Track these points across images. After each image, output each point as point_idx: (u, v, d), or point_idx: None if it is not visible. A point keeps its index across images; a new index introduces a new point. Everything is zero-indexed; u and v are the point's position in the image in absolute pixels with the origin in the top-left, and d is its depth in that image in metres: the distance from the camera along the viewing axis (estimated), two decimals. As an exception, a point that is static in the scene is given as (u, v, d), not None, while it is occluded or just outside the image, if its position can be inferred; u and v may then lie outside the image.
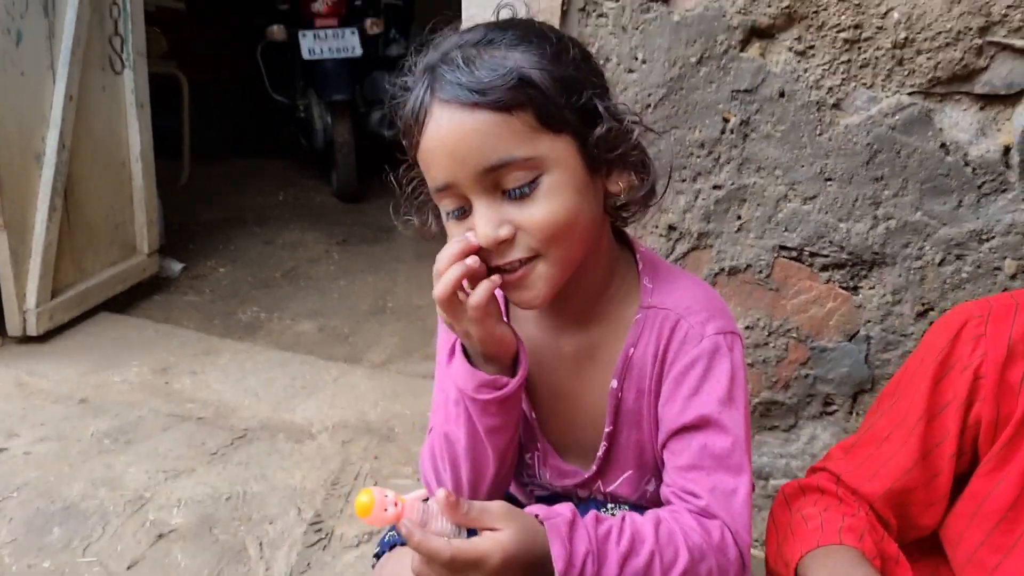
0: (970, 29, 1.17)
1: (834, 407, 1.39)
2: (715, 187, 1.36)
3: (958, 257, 1.25)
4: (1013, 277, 1.23)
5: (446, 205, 0.81)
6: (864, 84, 1.25)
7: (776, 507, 0.94)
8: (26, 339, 2.26)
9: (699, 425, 0.82)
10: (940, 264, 1.26)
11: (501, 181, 0.77)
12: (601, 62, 1.36)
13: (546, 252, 0.78)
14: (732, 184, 1.35)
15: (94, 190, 2.53)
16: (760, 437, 1.44)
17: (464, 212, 0.80)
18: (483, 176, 0.76)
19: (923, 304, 1.29)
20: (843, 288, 1.33)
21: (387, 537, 1.03)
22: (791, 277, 1.35)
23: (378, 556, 1.02)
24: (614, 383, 0.88)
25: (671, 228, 1.40)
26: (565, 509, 0.74)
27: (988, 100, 1.21)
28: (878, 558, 0.80)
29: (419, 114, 0.79)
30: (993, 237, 1.23)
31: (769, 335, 1.38)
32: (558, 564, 0.70)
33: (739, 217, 1.36)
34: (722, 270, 1.39)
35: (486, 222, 0.77)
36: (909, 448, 0.82)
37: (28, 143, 2.25)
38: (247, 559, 1.43)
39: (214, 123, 4.42)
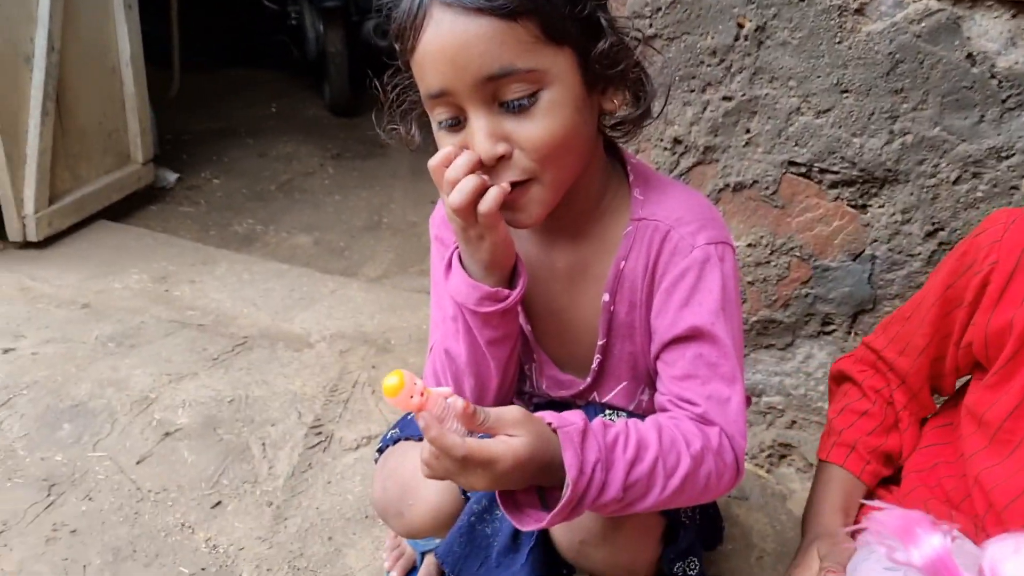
0: (1005, -69, 1.11)
1: (832, 327, 1.39)
2: (725, 98, 1.31)
3: (974, 175, 1.23)
4: (1028, 197, 1.21)
5: (439, 114, 0.79)
6: (890, -11, 1.19)
7: (832, 377, 1.09)
8: (26, 244, 2.24)
9: (692, 336, 0.82)
10: (955, 182, 1.24)
11: (500, 92, 0.75)
12: (613, -39, 1.29)
13: (541, 174, 0.77)
14: (743, 95, 1.30)
15: (85, 95, 2.46)
16: (756, 355, 1.45)
17: (457, 123, 0.78)
18: (482, 85, 0.74)
19: (933, 223, 1.27)
20: (851, 206, 1.31)
21: (389, 434, 1.05)
22: (798, 194, 1.33)
23: (380, 451, 1.05)
24: (606, 296, 0.88)
25: (676, 141, 1.36)
26: (576, 417, 0.75)
27: (1021, 7, 1.15)
28: (874, 477, 0.98)
29: (417, 16, 0.75)
30: (1013, 155, 1.19)
31: (771, 253, 1.37)
32: (571, 472, 0.70)
33: (748, 131, 1.32)
34: (727, 186, 1.36)
35: (484, 136, 0.75)
36: (924, 330, 0.91)
37: (16, 44, 2.17)
38: (251, 458, 1.46)
39: (203, 31, 4.26)
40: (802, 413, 1.46)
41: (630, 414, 0.96)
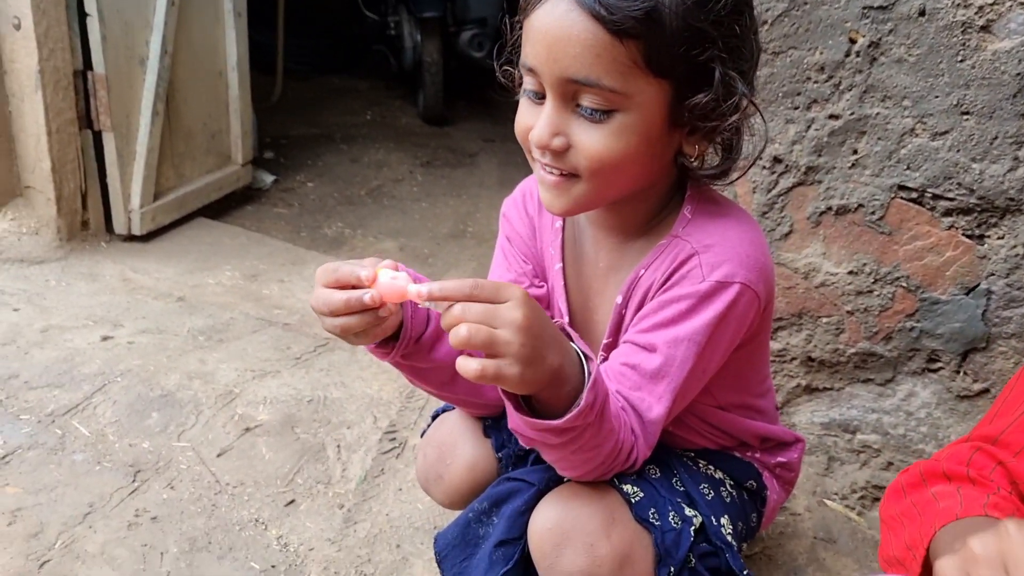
0: None
1: (939, 364, 1.29)
2: (831, 116, 1.24)
3: (1109, 208, 1.11)
4: None
5: (527, 83, 0.82)
6: (1021, 3, 1.10)
7: (887, 500, 0.83)
8: (130, 238, 2.37)
9: (648, 349, 0.84)
10: (1086, 215, 1.13)
11: (579, 95, 0.76)
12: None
13: (587, 178, 0.79)
14: (851, 114, 1.23)
15: (192, 98, 2.58)
16: (852, 389, 1.36)
17: (540, 98, 0.80)
18: (566, 83, 0.76)
19: (1058, 258, 1.16)
20: (966, 236, 1.21)
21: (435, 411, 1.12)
22: (907, 221, 1.24)
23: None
24: (619, 298, 0.90)
25: (776, 160, 1.30)
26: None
27: None
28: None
29: None
30: None
31: (875, 282, 1.28)
32: (594, 373, 0.73)
33: (855, 151, 1.25)
34: (828, 209, 1.29)
35: (547, 125, 0.78)
36: None
37: (133, 47, 2.30)
38: (326, 459, 1.47)
39: (306, 39, 4.42)
40: (900, 455, 1.36)
41: None
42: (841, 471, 1.39)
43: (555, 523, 0.84)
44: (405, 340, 0.83)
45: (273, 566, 1.24)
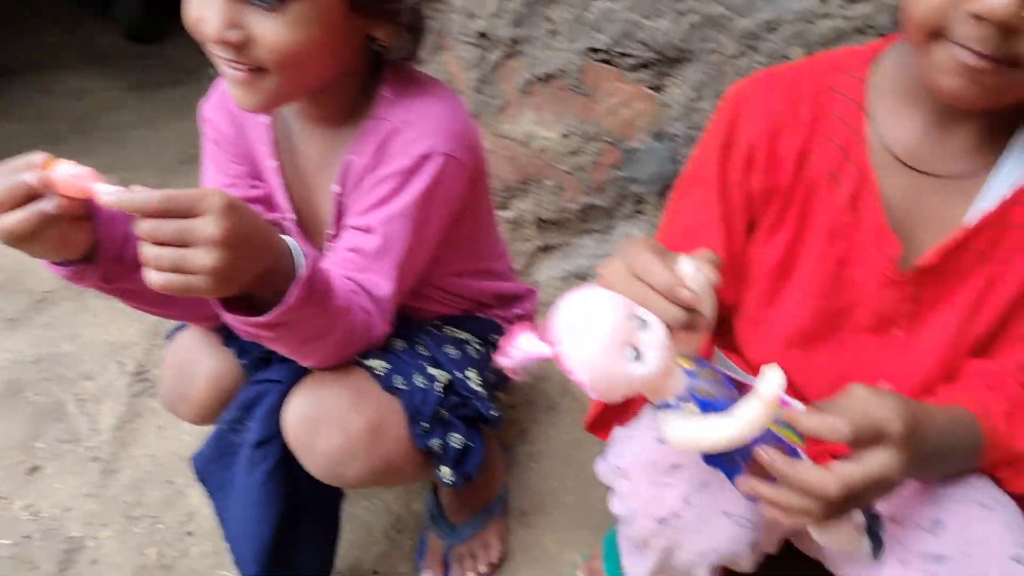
0: None
1: (645, 204, 1.46)
2: (523, -13, 1.30)
3: (752, 49, 1.30)
4: (798, 67, 1.31)
5: None
6: None
7: None
8: None
9: (366, 230, 0.86)
10: (736, 58, 1.31)
11: None
12: None
13: (276, 72, 0.77)
14: (540, -17, 1.30)
15: None
16: (580, 241, 1.51)
17: None
18: None
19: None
20: (650, 88, 1.36)
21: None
22: (601, 81, 1.36)
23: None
24: (336, 187, 0.90)
25: (482, 35, 1.35)
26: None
27: None
28: None
29: None
30: (783, 26, 1.28)
31: (584, 141, 1.41)
32: (309, 259, 0.73)
33: (548, 19, 1.33)
34: (536, 78, 1.37)
35: (218, 18, 0.73)
36: (714, 233, 0.82)
37: None
38: (67, 416, 1.35)
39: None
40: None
41: None
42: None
43: (306, 411, 0.86)
44: (103, 260, 0.76)
45: (27, 536, 1.14)
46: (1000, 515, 0.70)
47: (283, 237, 0.73)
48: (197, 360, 0.98)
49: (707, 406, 0.60)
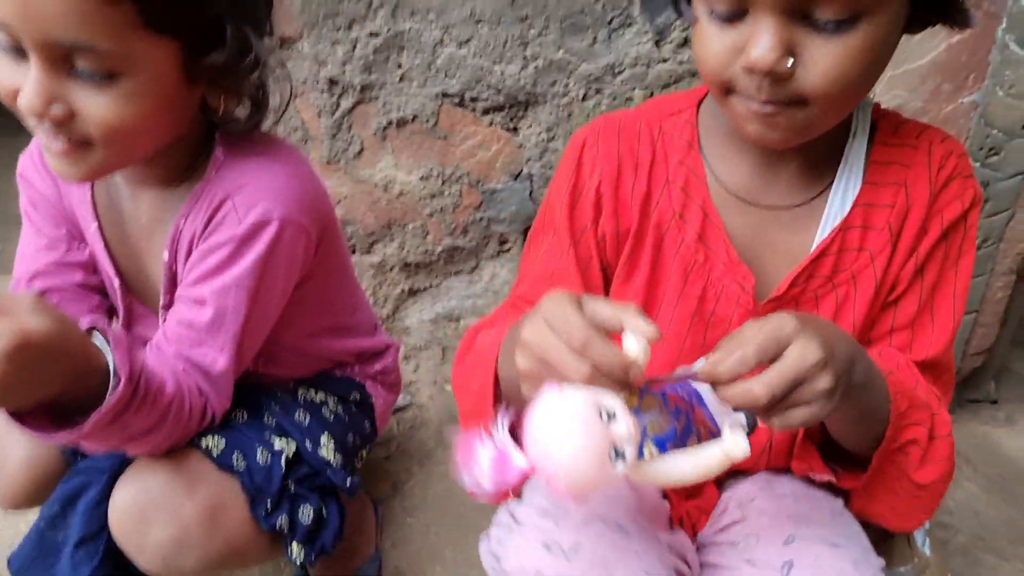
0: None
1: (508, 244, 1.49)
2: (371, 34, 1.31)
3: (597, 91, 1.37)
4: (641, 107, 1.39)
5: None
6: (501, -79, 1.26)
7: (453, 374, 0.90)
8: None
9: (198, 302, 0.83)
10: (583, 99, 1.37)
11: (73, 57, 0.67)
12: None
13: (103, 145, 0.72)
14: (388, 30, 1.31)
15: None
16: (448, 283, 1.51)
17: (17, 53, 0.68)
18: (53, 46, 0.66)
19: (572, 138, 1.40)
20: (505, 130, 1.40)
21: None
22: (457, 123, 1.38)
23: None
24: (165, 255, 0.86)
25: (332, 82, 1.34)
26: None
27: (609, -62, 1.29)
28: None
29: None
30: (624, 70, 1.35)
31: (443, 183, 1.42)
32: (123, 370, 0.68)
33: (400, 65, 1.34)
34: (390, 123, 1.37)
35: (37, 93, 0.67)
36: (571, 277, 0.83)
37: None
38: None
39: None
40: (497, 329, 1.56)
41: None
42: (454, 356, 1.56)
43: (132, 502, 0.81)
44: None
45: None
46: (849, 552, 0.73)
47: (96, 337, 0.68)
48: (8, 444, 0.91)
49: (663, 443, 0.60)
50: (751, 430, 0.62)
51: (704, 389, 0.64)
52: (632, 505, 0.79)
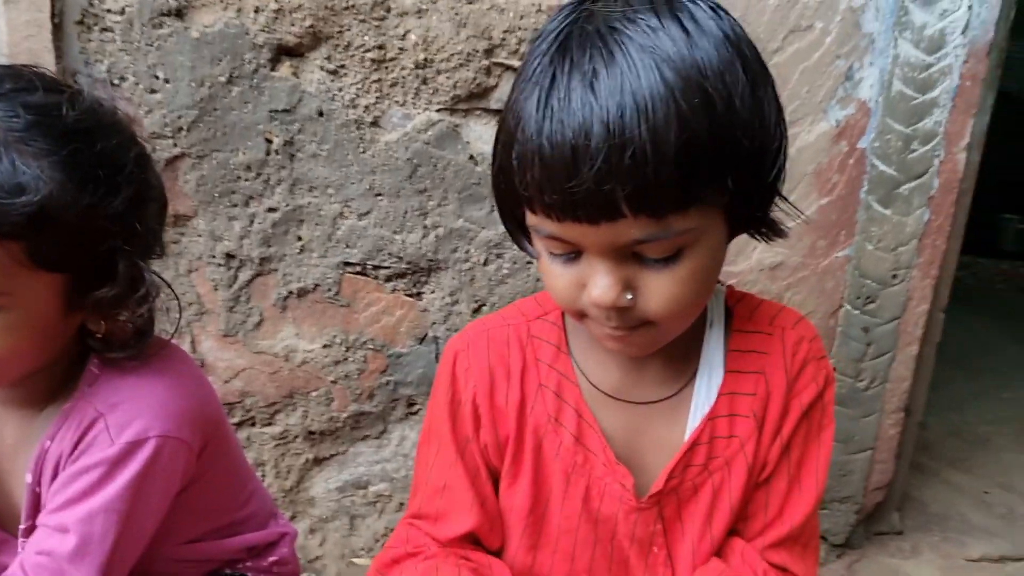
0: (477, 52, 1.30)
1: (417, 406, 1.47)
2: (270, 209, 1.32)
3: (498, 256, 1.40)
4: (541, 268, 1.43)
5: None
6: (397, 102, 1.31)
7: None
8: None
9: (61, 530, 0.77)
10: (485, 264, 1.40)
11: None
12: (116, 81, 1.21)
13: None
14: (287, 205, 1.32)
15: None
16: (355, 448, 1.47)
17: None
18: None
19: (476, 301, 1.42)
20: (408, 295, 1.40)
21: None
22: (359, 291, 1.39)
23: None
24: (29, 477, 0.81)
25: (229, 256, 1.32)
26: None
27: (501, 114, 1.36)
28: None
29: None
30: (522, 235, 1.40)
31: (347, 350, 1.40)
32: None
33: (299, 238, 1.34)
34: (291, 293, 1.36)
35: None
36: (463, 489, 0.82)
37: None
38: None
39: None
40: (407, 494, 1.52)
41: None
42: (363, 525, 1.50)
43: None
44: None
45: None
46: None
47: None
48: None
49: None
50: None
51: None
52: None
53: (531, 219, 0.66)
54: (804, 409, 0.80)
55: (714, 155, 0.60)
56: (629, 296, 0.65)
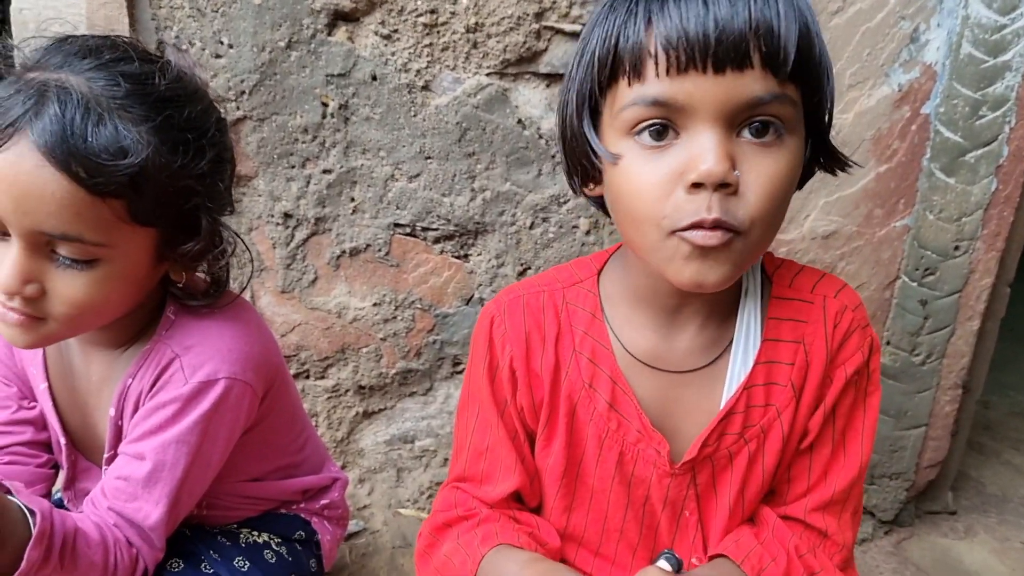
0: (528, 15, 1.30)
1: (462, 365, 1.51)
2: (325, 171, 1.36)
3: (544, 220, 1.42)
4: (587, 233, 1.44)
5: None
6: (447, 66, 1.33)
7: (418, 569, 0.89)
8: None
9: (139, 457, 0.84)
10: (531, 228, 1.42)
11: (55, 244, 0.72)
12: (185, 46, 1.27)
13: (60, 321, 0.76)
14: (341, 167, 1.36)
15: None
16: (402, 404, 1.53)
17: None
18: (39, 235, 0.71)
19: (521, 264, 1.44)
20: (455, 257, 1.44)
21: None
22: (408, 252, 1.43)
23: None
24: (112, 411, 0.89)
25: (287, 216, 1.38)
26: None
27: (551, 78, 1.36)
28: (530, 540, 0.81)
29: (4, 128, 0.69)
30: (568, 200, 1.41)
31: (396, 308, 1.45)
32: (43, 510, 0.71)
33: (352, 199, 1.39)
34: (344, 252, 1.41)
35: (16, 273, 0.72)
36: (505, 449, 0.84)
37: None
38: None
39: None
40: (452, 450, 1.57)
41: None
42: (409, 478, 1.56)
43: None
44: None
45: None
46: None
47: (11, 499, 0.70)
48: None
49: None
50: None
51: None
52: None
53: (625, 97, 0.65)
54: (848, 378, 0.79)
55: (816, 45, 0.64)
56: (737, 173, 0.63)
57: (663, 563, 0.74)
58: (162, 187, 0.74)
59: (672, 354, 0.81)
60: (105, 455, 0.91)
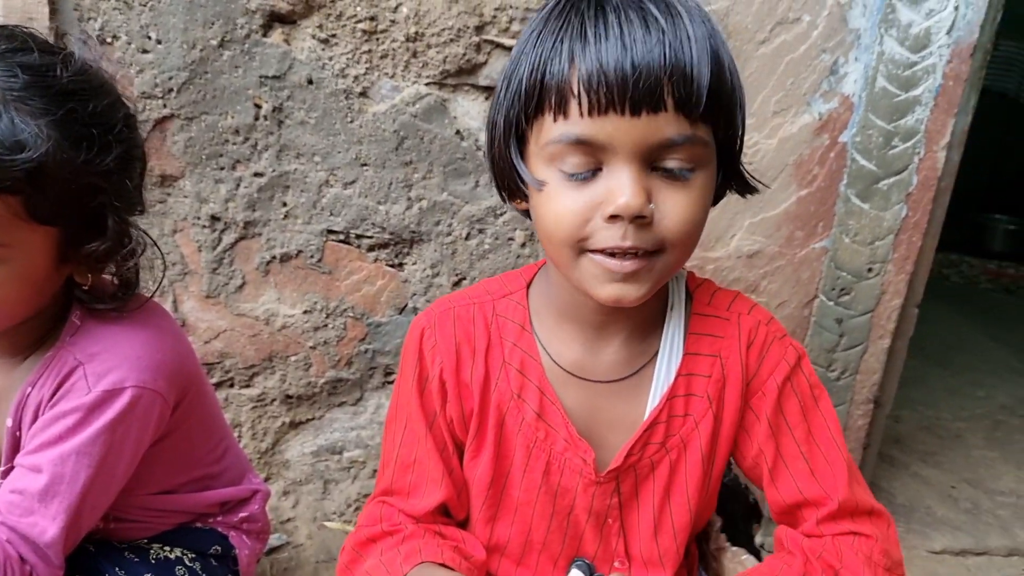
0: (468, 28, 1.31)
1: (394, 376, 1.50)
2: (256, 174, 1.33)
3: (480, 231, 1.42)
4: (523, 245, 1.45)
5: None
6: (386, 74, 1.32)
7: (341, 574, 0.85)
8: None
9: (33, 469, 0.81)
10: (467, 238, 1.42)
11: None
12: (109, 40, 1.22)
13: None
14: (273, 171, 1.33)
15: None
16: (331, 415, 1.50)
17: None
18: None
19: (456, 275, 1.44)
20: (389, 266, 1.43)
21: None
22: (342, 259, 1.41)
23: None
24: (9, 421, 0.85)
25: (214, 219, 1.34)
26: None
27: (490, 91, 1.37)
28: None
29: None
30: (505, 212, 1.42)
31: (327, 316, 1.43)
32: None
33: (284, 204, 1.36)
34: (273, 258, 1.38)
35: None
36: (432, 462, 0.84)
37: None
38: None
39: None
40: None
41: None
42: (336, 491, 1.52)
43: None
44: None
45: None
46: None
47: None
48: None
49: None
50: None
51: None
52: None
53: (551, 132, 0.68)
54: (780, 387, 0.81)
55: (729, 82, 0.68)
56: (652, 206, 0.67)
57: (575, 572, 0.75)
58: (63, 184, 0.71)
59: (598, 365, 0.83)
60: (1, 468, 0.85)
